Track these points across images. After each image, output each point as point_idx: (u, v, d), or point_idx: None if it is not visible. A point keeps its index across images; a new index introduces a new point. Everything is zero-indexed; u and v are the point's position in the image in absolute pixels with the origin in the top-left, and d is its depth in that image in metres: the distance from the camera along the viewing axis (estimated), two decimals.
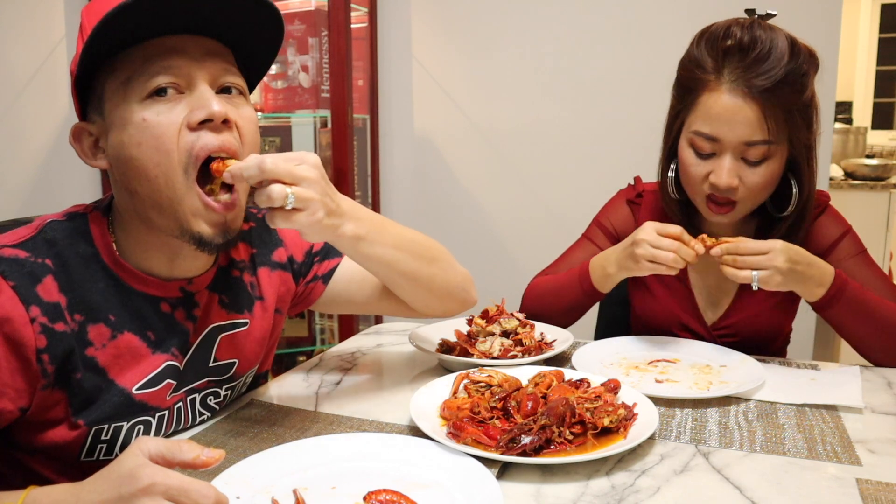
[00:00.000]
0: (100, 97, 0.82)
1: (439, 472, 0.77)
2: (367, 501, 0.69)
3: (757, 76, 1.09)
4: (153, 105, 0.78)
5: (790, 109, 1.11)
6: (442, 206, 2.58)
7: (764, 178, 1.14)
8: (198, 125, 0.79)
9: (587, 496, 0.74)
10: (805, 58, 1.12)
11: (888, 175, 3.71)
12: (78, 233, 0.84)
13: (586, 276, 1.27)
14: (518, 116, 2.42)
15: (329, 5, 2.15)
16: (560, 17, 2.32)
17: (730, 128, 1.11)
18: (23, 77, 2.29)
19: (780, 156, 1.14)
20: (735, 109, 1.10)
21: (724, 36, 1.13)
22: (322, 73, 2.19)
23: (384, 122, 2.57)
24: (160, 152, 0.78)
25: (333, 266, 1.11)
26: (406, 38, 2.51)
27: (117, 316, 0.83)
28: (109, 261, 0.84)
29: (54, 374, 0.78)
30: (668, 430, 0.91)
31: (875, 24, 5.49)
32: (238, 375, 0.98)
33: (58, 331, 0.78)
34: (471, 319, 1.22)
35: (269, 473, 0.76)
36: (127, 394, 0.84)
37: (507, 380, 0.97)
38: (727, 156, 1.13)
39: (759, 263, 1.08)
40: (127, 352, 0.84)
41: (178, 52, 0.79)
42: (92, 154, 0.84)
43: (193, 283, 0.90)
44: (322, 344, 2.51)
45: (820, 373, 1.12)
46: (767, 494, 0.74)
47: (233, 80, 0.84)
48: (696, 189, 1.19)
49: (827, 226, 1.25)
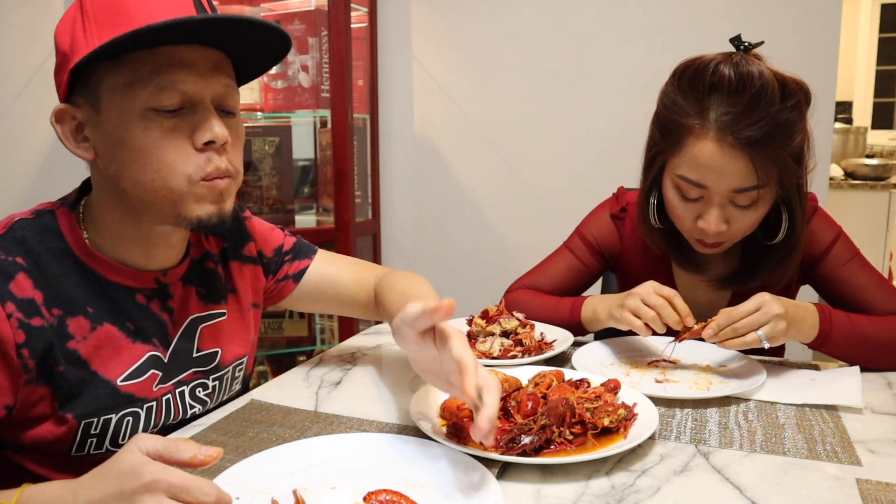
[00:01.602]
0: (94, 89, 0.81)
1: (439, 472, 0.77)
2: (367, 501, 0.69)
3: (746, 126, 1.03)
4: (157, 118, 0.80)
5: (781, 154, 1.06)
6: (442, 206, 2.58)
7: (752, 220, 1.12)
8: (203, 146, 0.82)
9: (587, 496, 0.74)
10: (797, 96, 1.06)
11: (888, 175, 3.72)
12: (47, 229, 0.85)
13: (577, 311, 1.26)
14: (518, 116, 2.42)
15: (329, 5, 2.15)
16: (560, 17, 2.32)
17: (718, 177, 1.07)
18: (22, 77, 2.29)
19: (769, 196, 1.10)
20: (723, 160, 1.05)
21: (710, 75, 1.06)
22: (322, 72, 2.19)
23: (384, 122, 2.57)
24: (165, 168, 0.81)
25: (304, 266, 1.14)
26: (406, 38, 2.51)
27: (95, 308, 0.84)
28: (82, 254, 0.85)
29: (36, 368, 0.79)
30: (668, 430, 0.91)
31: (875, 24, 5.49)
32: (223, 365, 1.00)
33: (35, 325, 0.79)
34: (471, 319, 1.22)
35: (268, 474, 0.75)
36: (112, 385, 0.85)
37: (507, 380, 0.97)
38: (715, 203, 1.09)
39: (758, 320, 1.04)
40: (108, 343, 0.85)
41: (188, 67, 0.81)
42: (75, 140, 0.85)
43: (168, 275, 0.92)
44: (322, 344, 2.51)
45: (820, 373, 1.12)
46: (767, 494, 0.74)
47: (232, 103, 0.87)
48: (684, 229, 1.17)
49: (818, 230, 1.23)
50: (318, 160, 2.45)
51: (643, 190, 1.22)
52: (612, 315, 1.17)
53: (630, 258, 1.34)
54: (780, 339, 1.05)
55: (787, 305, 1.05)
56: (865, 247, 1.24)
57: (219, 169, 0.84)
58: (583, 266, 1.36)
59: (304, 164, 2.49)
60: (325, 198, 2.37)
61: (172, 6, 0.80)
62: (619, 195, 1.37)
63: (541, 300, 1.32)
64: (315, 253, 1.16)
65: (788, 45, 2.02)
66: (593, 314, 1.23)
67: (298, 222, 2.33)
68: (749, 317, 1.04)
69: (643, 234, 1.26)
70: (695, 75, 1.08)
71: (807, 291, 1.31)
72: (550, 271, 1.37)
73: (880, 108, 5.56)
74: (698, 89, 1.08)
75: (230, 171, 0.86)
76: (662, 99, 1.14)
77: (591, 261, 1.36)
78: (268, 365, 2.46)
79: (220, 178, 0.84)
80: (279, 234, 1.14)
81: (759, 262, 1.20)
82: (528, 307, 1.31)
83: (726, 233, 1.12)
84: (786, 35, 2.05)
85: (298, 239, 1.16)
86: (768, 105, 1.04)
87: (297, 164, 2.45)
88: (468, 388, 0.70)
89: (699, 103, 1.07)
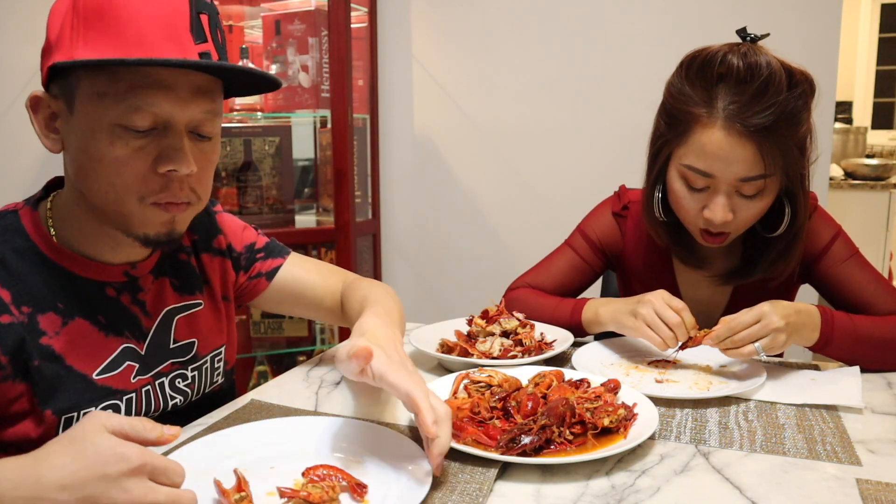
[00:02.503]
0: (72, 88, 0.80)
1: (373, 449, 0.81)
2: (306, 476, 0.72)
3: (754, 114, 1.04)
4: (124, 135, 0.79)
5: (787, 143, 1.07)
6: (442, 205, 2.58)
7: (758, 210, 1.12)
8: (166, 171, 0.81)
9: (587, 496, 0.74)
10: (803, 86, 1.07)
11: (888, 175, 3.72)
12: (10, 229, 0.85)
13: (578, 313, 1.26)
14: (518, 116, 2.42)
15: (329, 5, 2.15)
16: (560, 17, 2.32)
17: (725, 165, 1.07)
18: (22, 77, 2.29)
19: (774, 186, 1.11)
20: (731, 148, 1.06)
21: (718, 65, 1.07)
22: (322, 72, 2.19)
23: (384, 122, 2.57)
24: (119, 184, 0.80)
25: (278, 265, 1.13)
26: (406, 38, 2.51)
27: (65, 303, 0.85)
28: (48, 250, 0.85)
29: (10, 364, 0.79)
30: (668, 430, 0.91)
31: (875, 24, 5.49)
32: (200, 355, 1.00)
33: (3, 323, 0.79)
34: (471, 319, 1.22)
35: (209, 457, 0.78)
36: (88, 379, 0.85)
37: (507, 380, 0.97)
38: (721, 191, 1.10)
39: (758, 333, 1.04)
40: (80, 337, 0.85)
41: (166, 89, 0.78)
42: (46, 129, 0.84)
43: (137, 268, 0.93)
44: (322, 344, 2.51)
45: (820, 373, 1.12)
46: (767, 494, 0.74)
47: (209, 129, 0.84)
48: (689, 220, 1.17)
49: (817, 229, 1.23)
50: (318, 160, 2.45)
51: (648, 182, 1.22)
52: (621, 322, 1.16)
53: (632, 256, 1.34)
54: (779, 350, 1.05)
55: (788, 315, 1.05)
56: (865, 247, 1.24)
57: (175, 197, 0.82)
58: (584, 264, 1.36)
59: (304, 164, 2.49)
60: (325, 198, 2.37)
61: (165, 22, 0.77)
62: (621, 193, 1.37)
63: (541, 300, 1.32)
64: (288, 254, 1.16)
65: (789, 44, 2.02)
66: (595, 316, 1.23)
67: (298, 222, 2.33)
68: (748, 329, 1.04)
69: (648, 226, 1.26)
70: (703, 65, 1.09)
71: (806, 291, 1.31)
72: (552, 269, 1.37)
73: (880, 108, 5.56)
74: (706, 78, 1.08)
75: (190, 198, 0.84)
76: (669, 89, 1.15)
77: (592, 259, 1.36)
78: (268, 365, 2.46)
79: (178, 207, 0.84)
80: (252, 232, 1.14)
81: (761, 256, 1.20)
82: (528, 307, 1.30)
83: (731, 223, 1.12)
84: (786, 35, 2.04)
85: (272, 239, 1.16)
86: (776, 93, 1.04)
87: (297, 164, 2.45)
88: (429, 429, 0.73)
89: (707, 92, 1.08)
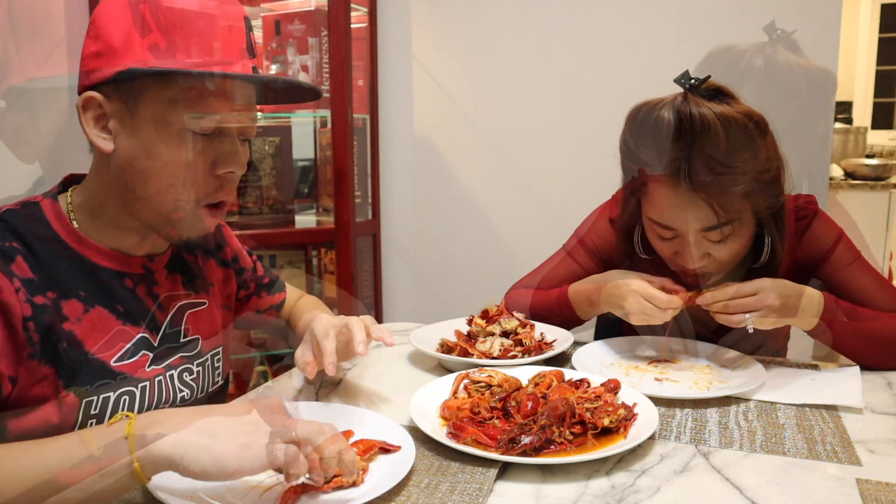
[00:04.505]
0: (136, 92, 0.83)
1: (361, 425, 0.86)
2: None
3: (694, 171, 1.01)
4: (192, 139, 0.84)
5: (740, 189, 1.02)
6: (442, 206, 2.58)
7: (733, 252, 1.10)
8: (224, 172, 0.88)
9: (587, 496, 0.74)
10: (744, 130, 1.01)
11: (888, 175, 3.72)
12: (34, 219, 0.86)
13: (564, 294, 1.27)
14: (518, 116, 2.42)
15: (329, 5, 2.15)
16: (560, 17, 2.32)
17: (681, 220, 1.06)
18: None
19: (746, 226, 1.09)
20: (682, 203, 1.04)
21: (654, 121, 1.04)
22: (322, 73, 2.19)
23: (384, 122, 2.57)
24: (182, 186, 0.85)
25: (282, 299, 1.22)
26: (406, 38, 2.51)
27: (86, 291, 0.86)
28: (70, 240, 0.87)
29: (39, 343, 0.80)
30: (668, 430, 0.91)
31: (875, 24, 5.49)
32: (203, 352, 1.02)
33: (38, 303, 0.81)
34: (471, 319, 1.22)
35: None
36: (107, 366, 0.86)
37: (507, 380, 0.97)
38: (690, 241, 1.08)
39: (751, 305, 1.04)
40: (100, 324, 0.87)
41: (228, 99, 0.86)
42: (97, 129, 0.85)
43: (154, 261, 0.95)
44: None
45: (820, 373, 1.12)
46: (767, 494, 0.74)
47: (251, 133, 0.92)
48: (669, 262, 1.17)
49: (819, 233, 1.21)
50: (318, 160, 2.45)
51: (623, 227, 1.23)
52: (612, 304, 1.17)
53: None
54: (768, 327, 1.06)
55: (788, 296, 1.05)
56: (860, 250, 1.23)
57: (228, 196, 0.90)
58: (582, 271, 1.36)
59: (304, 164, 2.49)
60: (325, 198, 2.37)
61: (232, 38, 0.86)
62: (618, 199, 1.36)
63: (533, 293, 1.34)
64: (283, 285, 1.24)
65: None
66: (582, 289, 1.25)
67: (298, 222, 2.33)
68: (744, 299, 1.05)
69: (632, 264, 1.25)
70: (644, 120, 1.07)
71: None
72: (549, 275, 1.37)
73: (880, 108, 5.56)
74: (649, 135, 1.06)
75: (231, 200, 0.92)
76: (621, 145, 1.14)
77: (590, 266, 1.36)
78: (268, 365, 2.45)
79: (220, 210, 0.90)
80: (248, 256, 1.18)
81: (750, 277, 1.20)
82: (521, 304, 1.32)
83: (710, 264, 1.11)
84: None
85: (266, 269, 1.22)
86: (712, 147, 1.00)
87: (297, 164, 2.45)
88: None
89: (651, 150, 1.06)
